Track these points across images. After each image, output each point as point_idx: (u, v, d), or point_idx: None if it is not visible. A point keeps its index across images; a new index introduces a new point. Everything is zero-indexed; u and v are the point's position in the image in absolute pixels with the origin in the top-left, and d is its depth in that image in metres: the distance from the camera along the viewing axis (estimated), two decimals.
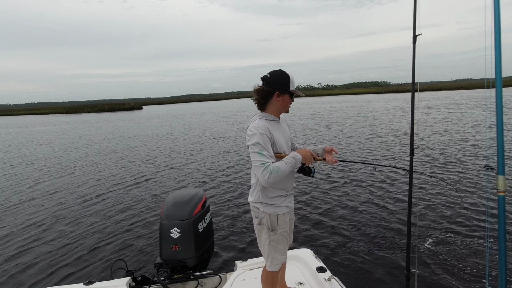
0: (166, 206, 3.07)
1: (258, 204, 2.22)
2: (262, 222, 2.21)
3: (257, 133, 2.04)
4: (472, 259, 4.09)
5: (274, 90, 2.13)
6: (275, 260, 2.27)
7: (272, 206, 2.19)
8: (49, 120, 50.49)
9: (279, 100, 2.15)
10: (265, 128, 2.07)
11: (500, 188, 1.87)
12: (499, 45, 1.79)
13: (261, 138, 2.03)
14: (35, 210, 7.39)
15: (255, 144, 2.02)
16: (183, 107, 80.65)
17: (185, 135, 20.62)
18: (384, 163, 9.32)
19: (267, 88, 2.14)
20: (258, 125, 2.08)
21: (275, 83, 2.13)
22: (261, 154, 1.99)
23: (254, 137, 2.04)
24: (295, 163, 2.05)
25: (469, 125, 14.94)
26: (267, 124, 2.12)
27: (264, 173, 1.94)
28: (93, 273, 4.47)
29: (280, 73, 2.15)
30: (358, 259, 4.31)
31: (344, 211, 5.94)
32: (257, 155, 1.99)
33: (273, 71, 2.17)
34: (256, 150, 2.00)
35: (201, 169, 10.41)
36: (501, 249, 1.89)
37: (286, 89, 2.14)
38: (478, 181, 6.89)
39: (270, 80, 2.14)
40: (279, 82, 2.13)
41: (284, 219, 2.23)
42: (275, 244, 2.24)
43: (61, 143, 20.15)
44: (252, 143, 2.03)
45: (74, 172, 11.29)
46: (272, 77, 2.14)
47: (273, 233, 2.22)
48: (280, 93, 2.14)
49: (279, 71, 2.15)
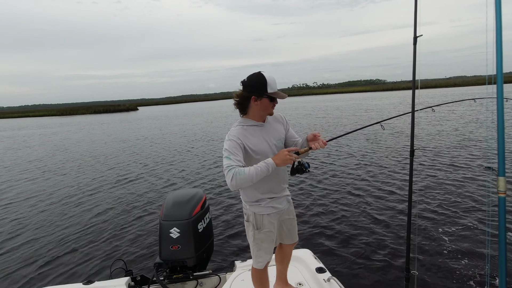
0: (166, 206, 3.07)
1: (244, 202, 2.32)
2: (249, 219, 2.30)
3: (227, 140, 2.09)
4: (472, 260, 4.09)
5: (250, 95, 2.11)
6: (259, 257, 2.33)
7: (257, 206, 2.25)
8: (45, 122, 50.13)
9: (257, 104, 2.13)
10: (235, 135, 2.10)
11: (500, 189, 1.88)
12: (501, 41, 1.79)
13: (230, 144, 2.06)
14: (34, 209, 7.35)
15: (224, 149, 2.06)
16: (179, 108, 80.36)
17: (185, 135, 20.61)
18: (383, 164, 9.33)
19: (244, 93, 2.13)
20: (230, 132, 2.14)
21: (251, 87, 2.10)
22: (228, 158, 2.00)
23: (225, 143, 2.09)
24: (267, 167, 1.98)
25: (469, 125, 14.97)
26: (242, 130, 2.14)
27: (228, 175, 1.93)
28: (92, 272, 4.46)
29: (256, 76, 2.10)
30: (357, 260, 4.32)
31: (344, 212, 5.94)
32: (225, 160, 2.01)
33: (250, 74, 2.13)
34: (225, 155, 2.03)
35: (201, 169, 10.39)
36: (501, 250, 1.90)
37: (264, 92, 2.09)
38: (478, 182, 6.89)
39: (247, 84, 2.11)
40: (256, 86, 2.09)
41: (269, 219, 2.27)
42: (259, 242, 2.30)
43: (59, 143, 20.01)
44: (223, 149, 2.08)
45: (74, 172, 11.25)
46: (249, 81, 2.11)
47: (258, 232, 2.27)
48: (257, 97, 2.10)
49: (255, 74, 2.11)
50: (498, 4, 1.80)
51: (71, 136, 24.03)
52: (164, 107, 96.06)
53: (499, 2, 1.80)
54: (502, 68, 1.81)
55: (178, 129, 24.76)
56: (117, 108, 78.13)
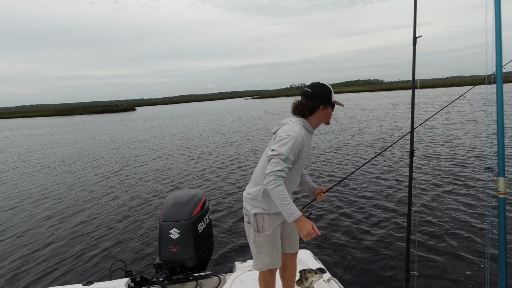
0: (166, 206, 3.06)
1: (252, 200, 2.21)
2: (250, 221, 2.25)
3: (291, 137, 2.01)
4: (473, 260, 4.08)
5: (318, 104, 2.15)
6: (258, 260, 2.29)
7: (263, 207, 2.19)
8: (43, 122, 49.96)
9: (322, 113, 2.18)
10: (301, 135, 2.07)
11: (500, 190, 1.88)
12: (500, 41, 1.79)
13: (294, 143, 2.00)
14: (33, 210, 7.32)
15: (284, 145, 1.99)
16: (176, 108, 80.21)
17: (185, 135, 20.57)
18: (383, 164, 9.33)
19: (311, 103, 2.15)
20: (293, 128, 2.07)
21: (319, 98, 2.16)
22: (285, 162, 1.97)
23: (286, 139, 2.01)
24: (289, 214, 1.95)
25: (468, 126, 14.98)
26: (305, 132, 2.13)
27: (273, 182, 1.92)
28: (92, 273, 4.44)
29: (321, 86, 2.18)
30: (357, 261, 4.31)
31: (344, 212, 5.93)
32: (280, 161, 1.96)
33: (314, 85, 2.19)
34: (284, 154, 1.97)
35: (201, 169, 10.36)
36: (501, 250, 1.90)
37: (329, 101, 2.17)
38: (478, 183, 6.90)
39: (313, 94, 2.16)
40: (322, 95, 2.16)
41: (271, 222, 2.22)
42: (259, 246, 2.26)
43: (57, 144, 19.95)
44: (282, 142, 2.00)
45: (73, 173, 11.20)
46: (315, 92, 2.16)
47: (258, 234, 2.23)
48: (325, 106, 2.17)
49: (319, 85, 2.18)
50: (497, 4, 1.80)
51: (70, 136, 23.97)
52: (162, 107, 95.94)
53: (498, 2, 1.80)
54: (502, 68, 1.81)
55: (178, 129, 24.71)
56: (115, 108, 77.94)
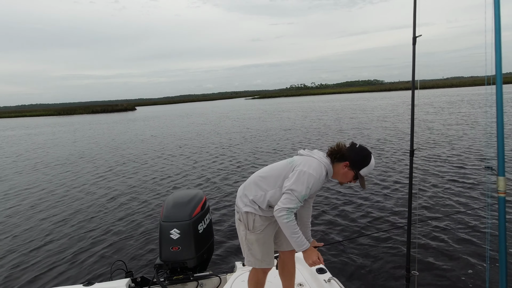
0: (166, 207, 3.05)
1: (250, 202, 2.21)
2: (241, 218, 2.26)
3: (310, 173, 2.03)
4: (473, 260, 4.08)
5: (346, 160, 2.12)
6: (250, 256, 2.29)
7: (255, 209, 2.20)
8: (43, 121, 49.94)
9: (345, 170, 2.14)
10: (320, 173, 2.08)
11: (500, 189, 1.89)
12: (499, 42, 1.80)
13: (312, 180, 2.03)
14: (33, 210, 7.33)
15: (302, 183, 2.01)
16: (176, 108, 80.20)
17: (185, 135, 20.57)
18: (383, 164, 9.33)
19: (346, 154, 2.12)
20: (314, 165, 2.07)
21: (351, 157, 2.11)
22: (299, 200, 2.02)
23: (305, 174, 2.03)
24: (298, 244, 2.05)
25: (468, 125, 14.98)
26: (323, 171, 2.11)
27: (286, 217, 1.99)
28: (93, 274, 4.44)
29: (365, 153, 2.12)
30: (358, 260, 4.32)
31: (344, 212, 5.94)
32: (296, 200, 2.01)
33: (364, 148, 2.15)
34: (302, 192, 2.01)
35: (201, 169, 10.37)
36: (501, 250, 1.90)
37: (358, 167, 2.11)
38: (478, 182, 6.90)
39: (354, 150, 2.13)
40: (356, 158, 2.11)
41: (262, 222, 2.22)
42: (250, 244, 2.27)
43: (56, 144, 19.95)
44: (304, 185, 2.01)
45: (72, 173, 11.20)
46: (356, 152, 2.12)
47: (249, 232, 2.24)
48: (350, 167, 2.12)
49: (366, 152, 2.13)
50: (497, 5, 1.81)
51: (70, 136, 23.96)
52: (162, 107, 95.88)
53: (498, 3, 1.81)
54: (501, 68, 1.82)
55: (178, 129, 24.71)
56: (115, 108, 77.77)
